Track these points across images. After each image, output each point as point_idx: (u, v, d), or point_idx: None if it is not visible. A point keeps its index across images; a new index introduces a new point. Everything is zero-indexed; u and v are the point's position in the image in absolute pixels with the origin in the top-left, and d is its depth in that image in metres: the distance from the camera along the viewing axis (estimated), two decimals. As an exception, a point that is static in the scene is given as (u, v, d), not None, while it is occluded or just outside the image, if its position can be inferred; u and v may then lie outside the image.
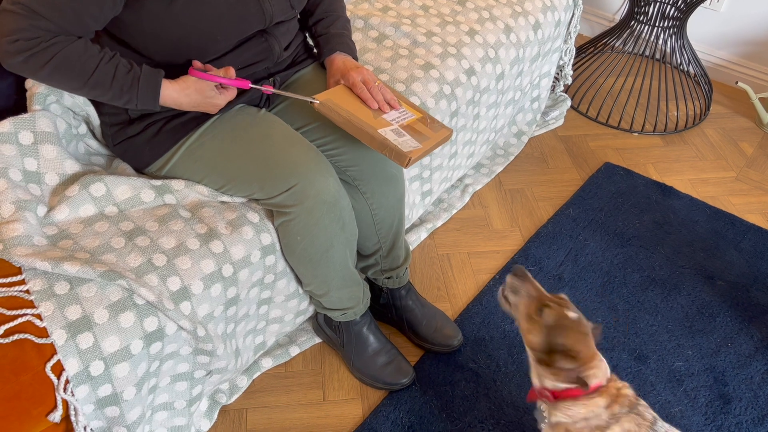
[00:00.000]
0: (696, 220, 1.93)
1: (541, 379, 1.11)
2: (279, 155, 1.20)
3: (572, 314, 1.07)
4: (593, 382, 1.05)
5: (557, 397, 1.09)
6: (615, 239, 1.85)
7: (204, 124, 1.24)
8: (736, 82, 2.35)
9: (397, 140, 1.19)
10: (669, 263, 1.79)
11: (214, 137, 1.23)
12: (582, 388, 1.04)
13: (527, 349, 1.13)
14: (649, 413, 1.05)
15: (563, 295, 1.12)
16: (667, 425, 1.05)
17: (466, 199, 1.97)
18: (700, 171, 2.15)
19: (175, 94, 1.14)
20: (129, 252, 1.12)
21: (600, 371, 1.06)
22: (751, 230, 1.90)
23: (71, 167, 1.20)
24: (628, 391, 1.07)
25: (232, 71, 1.17)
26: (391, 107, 1.28)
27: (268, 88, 1.21)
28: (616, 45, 2.48)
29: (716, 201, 2.02)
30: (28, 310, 1.01)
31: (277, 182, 1.19)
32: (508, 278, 1.16)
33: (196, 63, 1.16)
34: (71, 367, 1.00)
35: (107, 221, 1.16)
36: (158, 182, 1.23)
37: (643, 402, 1.07)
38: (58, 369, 0.99)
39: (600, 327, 1.12)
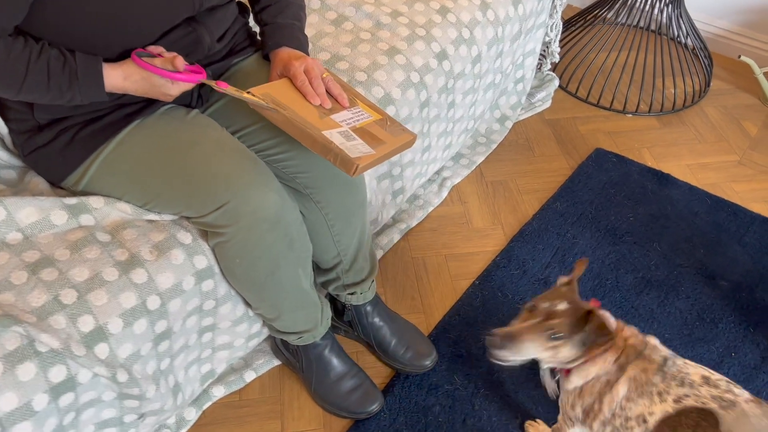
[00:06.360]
0: (695, 211, 1.76)
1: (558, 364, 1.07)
2: (207, 167, 1.03)
3: (562, 306, 1.02)
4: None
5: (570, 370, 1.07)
6: (606, 236, 1.69)
7: (123, 131, 1.07)
8: (739, 56, 2.16)
9: (345, 144, 1.01)
10: (666, 262, 1.63)
11: (134, 146, 1.06)
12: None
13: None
14: (658, 355, 1.02)
15: (539, 296, 1.05)
16: (681, 361, 1.01)
17: (444, 194, 1.79)
18: (700, 155, 1.98)
19: (119, 81, 0.99)
20: (32, 289, 0.95)
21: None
22: (755, 221, 1.74)
23: (-36, 188, 1.03)
24: (635, 340, 1.04)
25: (180, 61, 0.99)
26: (339, 103, 1.10)
27: (222, 86, 1.02)
28: (608, 16, 2.28)
29: (717, 189, 1.85)
30: None
31: (206, 200, 1.02)
32: (493, 353, 1.01)
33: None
34: (-45, 434, 0.84)
35: (8, 251, 0.99)
36: (73, 200, 1.06)
37: (652, 343, 1.04)
38: (-60, 437, 0.84)
39: (585, 261, 1.11)
